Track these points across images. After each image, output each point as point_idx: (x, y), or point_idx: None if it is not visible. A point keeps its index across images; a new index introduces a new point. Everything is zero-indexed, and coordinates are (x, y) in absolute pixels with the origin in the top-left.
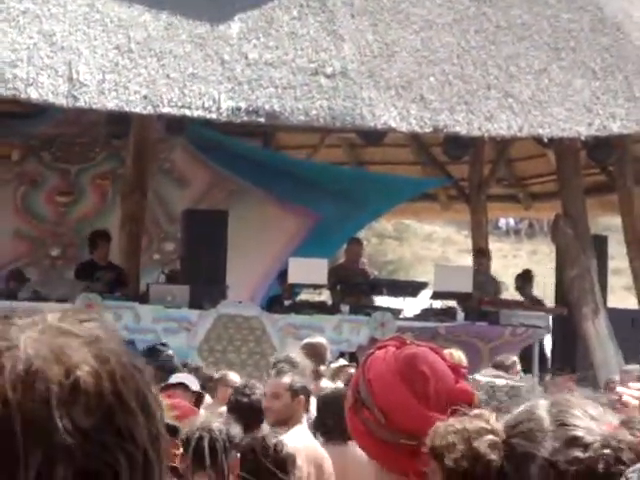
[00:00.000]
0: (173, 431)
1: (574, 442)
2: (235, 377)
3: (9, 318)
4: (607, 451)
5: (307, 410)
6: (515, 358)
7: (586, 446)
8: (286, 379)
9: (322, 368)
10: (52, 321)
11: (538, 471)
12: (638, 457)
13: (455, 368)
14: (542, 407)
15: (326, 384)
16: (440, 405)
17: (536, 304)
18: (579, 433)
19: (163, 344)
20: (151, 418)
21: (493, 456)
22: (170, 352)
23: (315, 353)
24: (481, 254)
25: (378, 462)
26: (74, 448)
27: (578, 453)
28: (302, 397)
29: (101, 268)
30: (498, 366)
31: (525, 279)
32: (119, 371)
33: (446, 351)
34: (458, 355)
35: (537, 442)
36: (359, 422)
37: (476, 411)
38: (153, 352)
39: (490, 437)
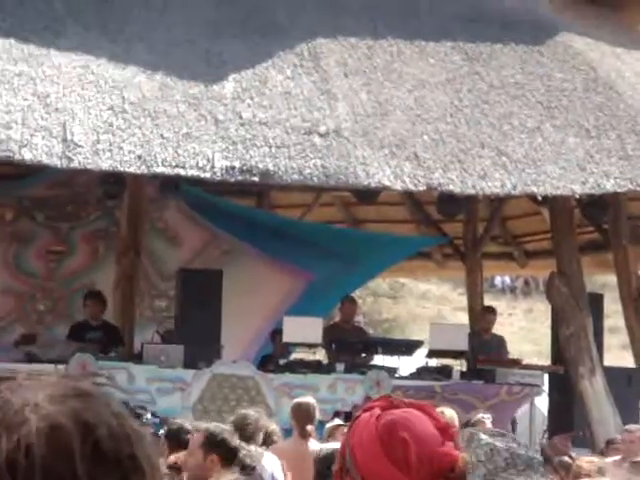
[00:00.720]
0: None
1: None
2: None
3: (16, 378)
4: None
5: (230, 469)
6: (485, 415)
7: None
8: (200, 435)
9: (310, 428)
10: (65, 382)
11: None
12: None
13: (443, 429)
14: None
15: (315, 445)
16: (422, 471)
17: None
18: None
19: (143, 407)
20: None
21: None
22: (148, 416)
23: (303, 413)
24: (489, 312)
25: None
26: None
27: None
28: (215, 456)
29: (93, 328)
30: (466, 424)
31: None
32: (133, 434)
33: (438, 409)
34: (450, 414)
35: None
36: None
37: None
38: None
39: None
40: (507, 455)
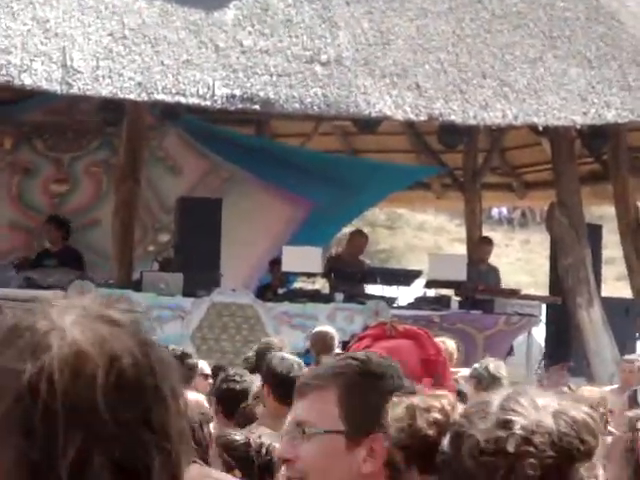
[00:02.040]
0: None
1: (503, 424)
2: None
3: (44, 301)
4: (520, 432)
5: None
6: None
7: (510, 428)
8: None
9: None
10: (94, 307)
11: (468, 450)
12: (552, 443)
13: (428, 361)
14: (498, 395)
15: None
16: None
17: None
18: (512, 417)
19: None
20: (181, 415)
21: (430, 432)
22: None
23: (322, 343)
24: (486, 242)
25: None
26: (113, 439)
27: (499, 433)
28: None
29: (50, 255)
30: None
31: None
32: (158, 366)
33: (438, 339)
34: (451, 344)
35: (474, 423)
36: None
37: (439, 392)
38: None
39: (434, 415)
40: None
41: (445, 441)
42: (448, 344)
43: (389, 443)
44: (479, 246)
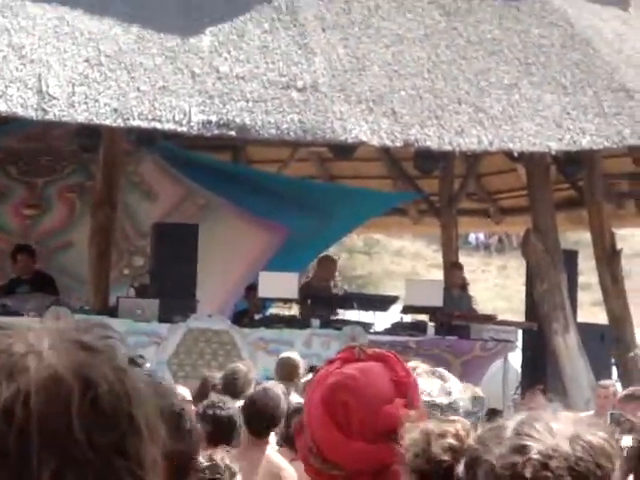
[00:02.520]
0: None
1: (519, 450)
2: (186, 392)
3: (20, 325)
4: (537, 457)
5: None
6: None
7: (526, 453)
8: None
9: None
10: (71, 333)
11: (484, 475)
12: (569, 468)
13: (400, 382)
14: (513, 419)
15: (296, 399)
16: (364, 433)
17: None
18: (528, 442)
19: (141, 356)
20: (155, 443)
21: (445, 457)
22: (148, 365)
23: (286, 370)
24: (457, 267)
25: None
26: (87, 464)
27: (516, 458)
28: None
29: (23, 282)
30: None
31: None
32: (133, 393)
33: (411, 363)
34: (423, 367)
35: (489, 448)
36: (302, 447)
37: (453, 417)
38: (132, 364)
39: (449, 440)
40: (445, 407)
41: (460, 467)
42: (421, 367)
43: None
44: (450, 271)
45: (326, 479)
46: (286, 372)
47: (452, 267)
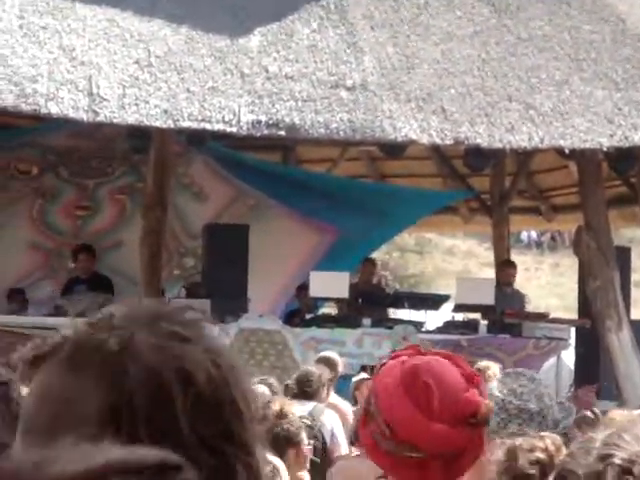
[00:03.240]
0: None
1: (604, 458)
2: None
3: (105, 315)
4: (619, 462)
5: None
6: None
7: (609, 461)
8: None
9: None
10: (163, 324)
11: None
12: None
13: (469, 376)
14: (602, 432)
15: (333, 398)
16: (444, 416)
17: None
18: (613, 451)
19: None
20: (254, 421)
21: (532, 471)
22: None
23: (326, 367)
24: (509, 265)
25: (387, 474)
26: (198, 457)
27: (599, 466)
28: None
29: (81, 281)
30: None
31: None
32: (230, 375)
33: (482, 363)
34: (495, 368)
35: (577, 460)
36: (368, 435)
37: (543, 433)
38: None
39: (537, 454)
40: (514, 407)
41: None
42: (493, 368)
43: None
44: (502, 269)
45: (397, 463)
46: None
47: (504, 265)
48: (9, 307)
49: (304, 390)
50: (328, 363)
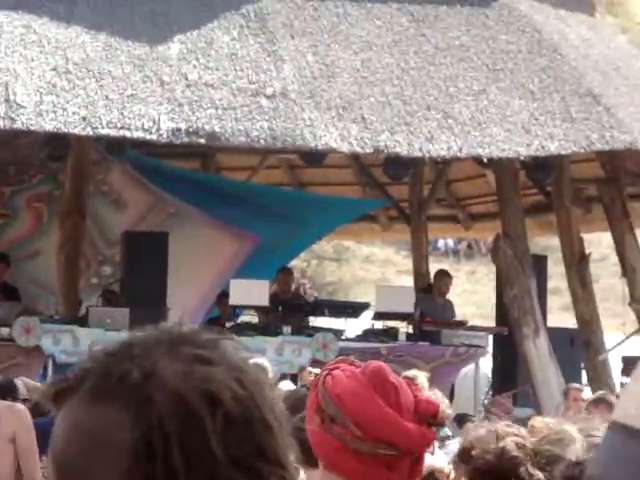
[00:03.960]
0: None
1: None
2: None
3: (129, 341)
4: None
5: None
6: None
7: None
8: None
9: None
10: (184, 348)
11: (564, 470)
12: None
13: (408, 383)
14: (570, 425)
15: None
16: (412, 416)
17: None
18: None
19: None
20: (285, 433)
21: (518, 453)
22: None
23: None
24: (446, 275)
25: (354, 477)
26: (234, 477)
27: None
28: None
29: None
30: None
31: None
32: (255, 390)
33: (411, 372)
34: (422, 378)
35: (565, 448)
36: (332, 439)
37: (507, 421)
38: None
39: (516, 438)
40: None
41: (529, 467)
42: (420, 378)
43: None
44: (441, 279)
45: (365, 462)
46: None
47: (442, 275)
48: None
49: None
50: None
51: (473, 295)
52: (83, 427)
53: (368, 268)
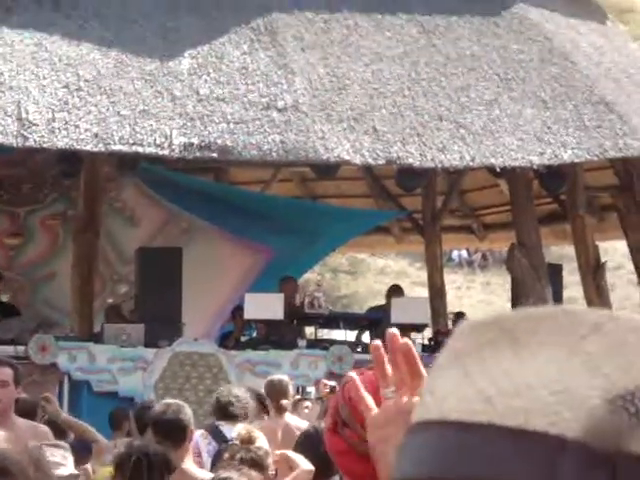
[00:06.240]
0: None
1: None
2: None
3: None
4: None
5: None
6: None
7: None
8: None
9: (285, 402)
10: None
11: None
12: None
13: None
14: None
15: (290, 418)
16: None
17: None
18: None
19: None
20: None
21: None
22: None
23: (277, 389)
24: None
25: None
26: None
27: None
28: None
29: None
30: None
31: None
32: None
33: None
34: None
35: None
36: (340, 441)
37: None
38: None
39: None
40: None
41: None
42: None
43: None
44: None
45: (374, 467)
46: (278, 392)
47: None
48: None
49: (228, 411)
50: (277, 386)
51: (489, 306)
52: None
53: (382, 280)
